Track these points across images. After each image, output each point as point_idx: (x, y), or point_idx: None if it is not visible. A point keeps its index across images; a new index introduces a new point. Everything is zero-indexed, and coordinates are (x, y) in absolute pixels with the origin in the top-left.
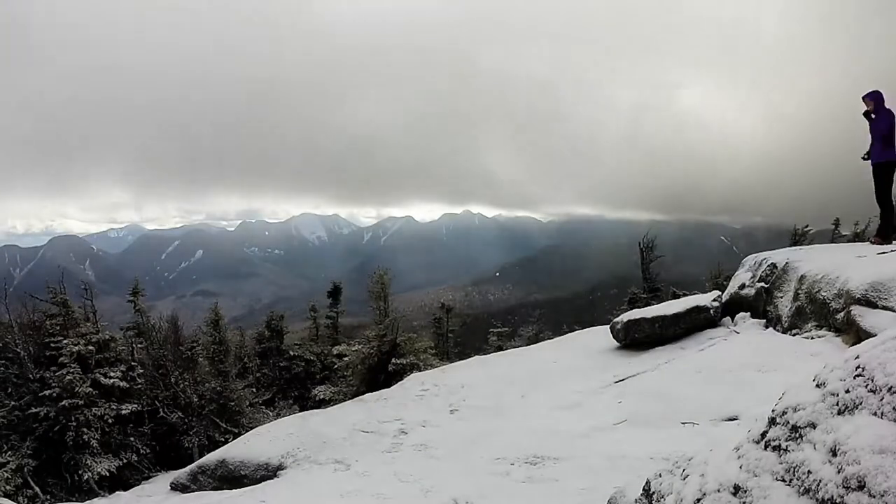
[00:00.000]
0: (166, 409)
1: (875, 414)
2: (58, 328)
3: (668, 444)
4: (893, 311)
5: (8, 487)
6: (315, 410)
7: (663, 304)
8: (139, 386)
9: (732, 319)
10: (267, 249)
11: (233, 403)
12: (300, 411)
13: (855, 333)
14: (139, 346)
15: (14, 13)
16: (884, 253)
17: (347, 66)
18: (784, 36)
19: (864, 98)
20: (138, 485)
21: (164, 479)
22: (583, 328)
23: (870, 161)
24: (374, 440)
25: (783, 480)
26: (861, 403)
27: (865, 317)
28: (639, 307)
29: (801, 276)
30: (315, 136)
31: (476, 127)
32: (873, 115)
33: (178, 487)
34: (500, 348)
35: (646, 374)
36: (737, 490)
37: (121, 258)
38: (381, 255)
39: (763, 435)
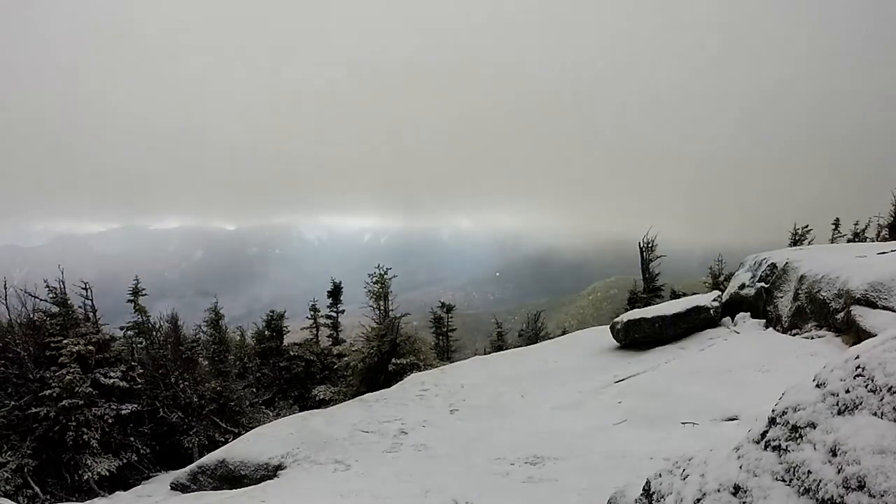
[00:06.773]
0: (166, 409)
1: (875, 414)
2: (58, 328)
3: (668, 444)
4: (893, 311)
5: (8, 487)
6: (315, 410)
7: (663, 304)
8: (139, 386)
9: (732, 319)
10: (267, 249)
11: (233, 403)
12: (300, 411)
13: (855, 333)
14: (139, 345)
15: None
16: (884, 253)
17: None
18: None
19: None
20: (138, 485)
21: (164, 479)
22: (583, 328)
23: None
24: (375, 440)
25: (783, 480)
26: (861, 403)
27: (865, 317)
28: (639, 307)
29: (801, 276)
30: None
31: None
32: None
33: (178, 487)
34: (500, 348)
35: (646, 374)
36: (737, 490)
37: (121, 258)
38: (381, 255)
39: (763, 435)
